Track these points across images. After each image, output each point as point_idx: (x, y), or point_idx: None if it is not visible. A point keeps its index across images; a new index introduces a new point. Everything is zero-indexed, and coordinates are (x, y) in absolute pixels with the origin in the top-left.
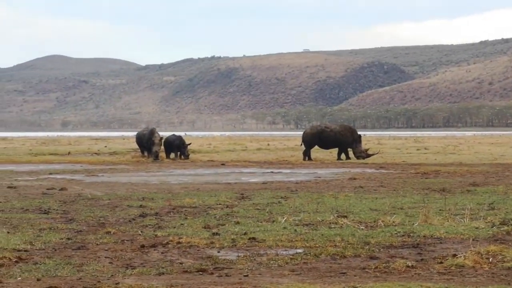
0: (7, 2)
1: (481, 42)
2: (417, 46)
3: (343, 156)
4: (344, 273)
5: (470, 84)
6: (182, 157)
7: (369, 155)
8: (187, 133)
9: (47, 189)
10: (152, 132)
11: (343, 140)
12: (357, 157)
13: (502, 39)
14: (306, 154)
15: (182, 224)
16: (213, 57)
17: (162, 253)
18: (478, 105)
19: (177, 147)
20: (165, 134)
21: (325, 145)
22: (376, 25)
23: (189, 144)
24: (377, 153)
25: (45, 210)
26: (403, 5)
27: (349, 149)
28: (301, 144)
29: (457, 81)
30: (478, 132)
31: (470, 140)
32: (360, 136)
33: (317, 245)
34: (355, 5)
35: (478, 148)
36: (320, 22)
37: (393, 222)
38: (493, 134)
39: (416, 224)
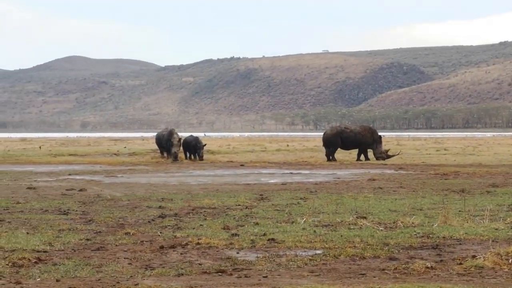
0: (27, 3)
1: (500, 43)
2: (436, 47)
3: (362, 157)
4: (364, 274)
5: (489, 85)
6: (197, 157)
7: (389, 156)
8: (207, 133)
9: (67, 190)
10: (171, 133)
11: (363, 141)
12: (377, 158)
13: None
14: (331, 155)
15: (201, 225)
16: (232, 58)
17: (181, 254)
18: (497, 106)
19: (193, 147)
20: (184, 135)
21: (345, 146)
22: (396, 26)
23: (204, 145)
24: (398, 154)
25: (65, 211)
26: (422, 6)
27: (369, 150)
28: (324, 146)
29: (476, 82)
30: (497, 133)
31: (489, 141)
32: (380, 137)
33: (336, 246)
34: (374, 6)
35: (498, 149)
36: (340, 23)
37: (413, 223)
38: None
39: (436, 225)
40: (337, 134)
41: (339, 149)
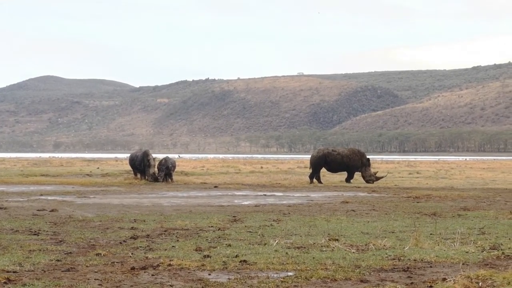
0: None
1: (473, 68)
2: (410, 71)
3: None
4: None
5: (462, 109)
6: (169, 179)
7: (378, 178)
8: (181, 155)
9: (38, 210)
10: (146, 154)
11: (351, 164)
12: (367, 181)
13: (495, 64)
14: (312, 177)
15: (173, 246)
16: (207, 80)
17: (152, 275)
18: (470, 130)
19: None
20: (158, 156)
21: (332, 169)
22: (370, 49)
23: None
24: (386, 176)
25: (35, 231)
26: (397, 31)
27: (357, 173)
28: (310, 167)
29: (449, 106)
30: (469, 157)
31: (461, 165)
32: (369, 159)
33: (308, 268)
34: (350, 29)
35: (470, 173)
36: (315, 46)
37: (384, 245)
38: (485, 159)
39: (407, 248)
40: (322, 156)
41: (328, 172)
